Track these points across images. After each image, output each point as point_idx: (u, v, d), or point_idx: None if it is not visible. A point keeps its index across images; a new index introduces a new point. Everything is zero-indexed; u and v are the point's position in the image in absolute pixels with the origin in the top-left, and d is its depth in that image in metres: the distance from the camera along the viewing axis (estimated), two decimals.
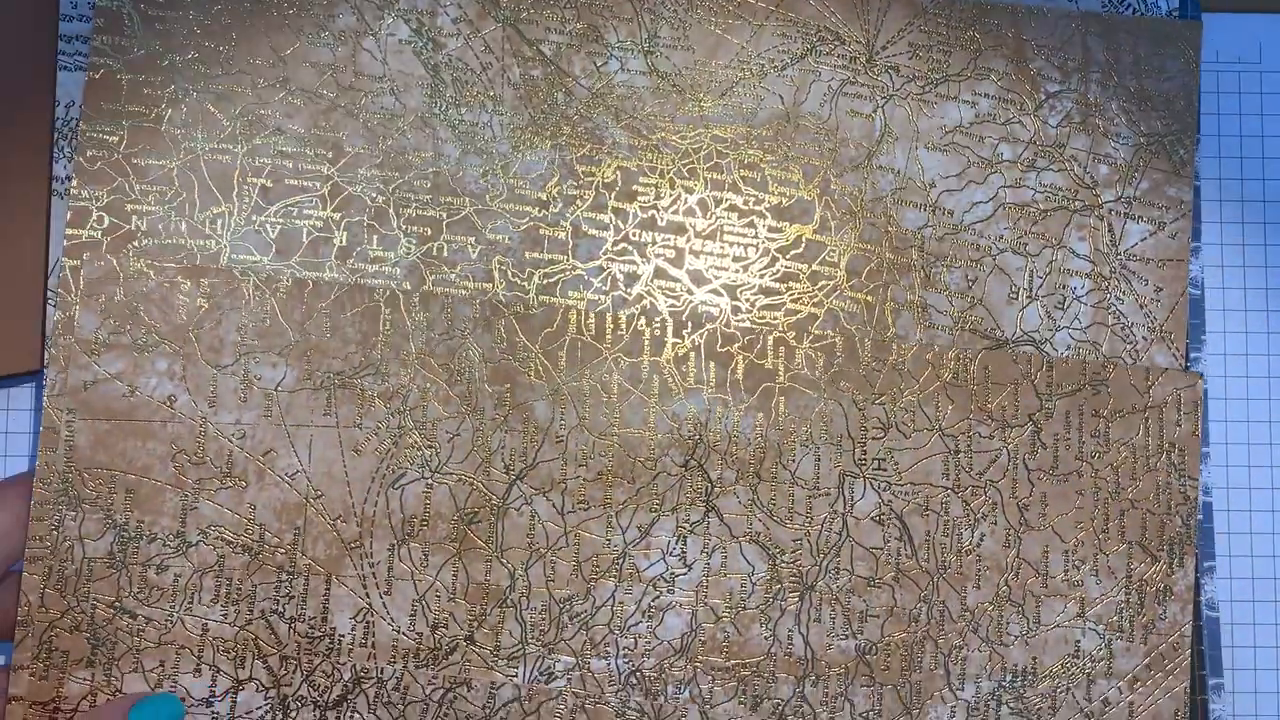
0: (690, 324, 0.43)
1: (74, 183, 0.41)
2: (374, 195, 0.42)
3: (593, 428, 0.42)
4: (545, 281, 0.42)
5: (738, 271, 0.43)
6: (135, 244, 0.41)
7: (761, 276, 0.43)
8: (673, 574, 0.42)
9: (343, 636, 0.41)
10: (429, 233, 0.42)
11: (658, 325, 0.42)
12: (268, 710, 0.40)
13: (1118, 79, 0.44)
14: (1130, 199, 0.44)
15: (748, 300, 0.43)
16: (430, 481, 0.41)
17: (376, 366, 0.41)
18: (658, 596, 0.42)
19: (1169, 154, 0.44)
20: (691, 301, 0.43)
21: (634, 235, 0.43)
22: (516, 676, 0.41)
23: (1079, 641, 0.43)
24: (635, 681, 0.42)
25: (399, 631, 0.41)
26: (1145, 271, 0.44)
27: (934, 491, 0.43)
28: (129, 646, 0.40)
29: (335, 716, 0.40)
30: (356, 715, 0.40)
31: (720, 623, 0.42)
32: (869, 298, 0.43)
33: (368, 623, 0.41)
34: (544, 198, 0.43)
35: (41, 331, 0.42)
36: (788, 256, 0.43)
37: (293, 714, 0.40)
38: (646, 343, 0.42)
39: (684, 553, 0.42)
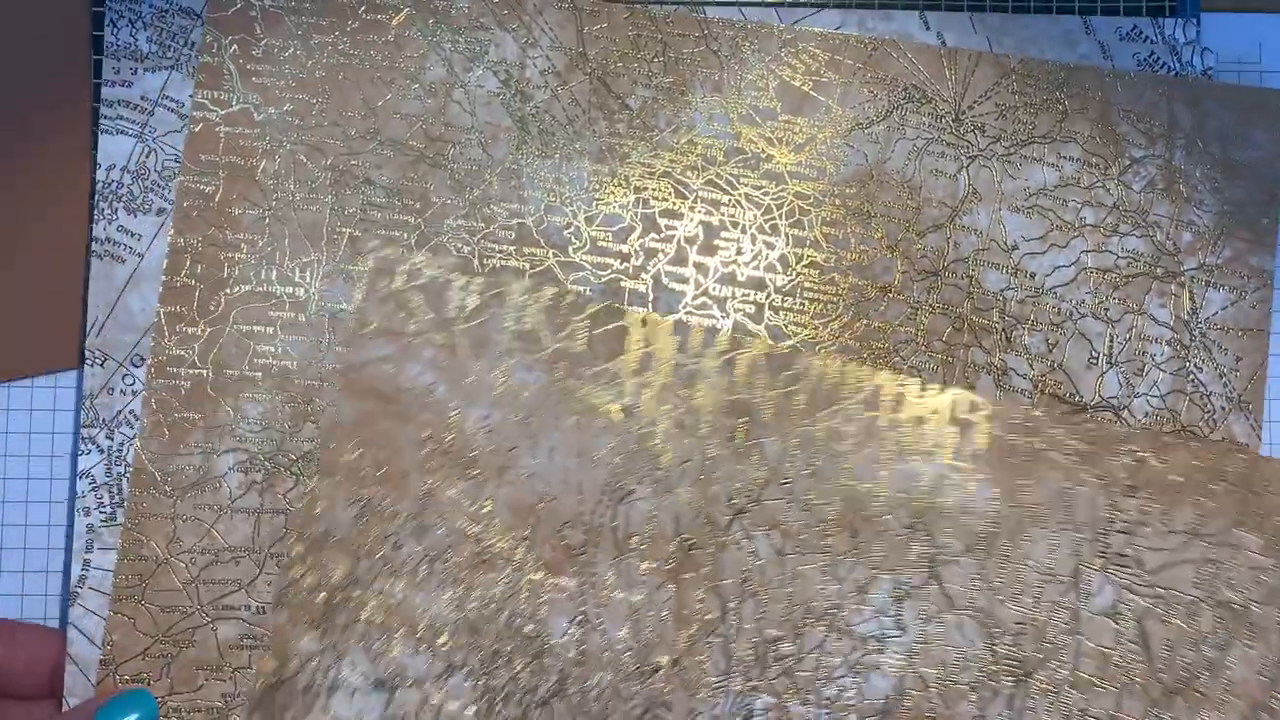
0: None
1: (172, 230, 0.42)
2: (459, 246, 0.42)
3: (822, 475, 0.42)
4: None
5: (817, 328, 0.43)
6: (227, 291, 0.42)
7: (841, 335, 0.43)
8: (885, 634, 0.41)
9: (556, 641, 0.41)
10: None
11: (899, 383, 0.42)
12: (476, 698, 0.40)
13: (1203, 146, 0.44)
14: (1212, 267, 0.44)
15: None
16: (657, 503, 0.41)
17: (621, 385, 0.41)
18: (867, 654, 0.41)
19: (1251, 224, 0.44)
20: None
21: (714, 290, 0.43)
22: (716, 708, 0.41)
23: None
24: None
25: (609, 644, 0.41)
26: (1225, 341, 0.44)
27: (1183, 599, 0.40)
28: (351, 618, 0.40)
29: (538, 715, 0.40)
30: (554, 718, 0.40)
31: (928, 692, 0.41)
32: (948, 358, 0.43)
33: (582, 630, 0.41)
34: (626, 250, 0.43)
35: (79, 332, 0.42)
36: (869, 314, 0.43)
37: (497, 707, 0.40)
38: (887, 398, 0.42)
39: (899, 615, 0.41)
